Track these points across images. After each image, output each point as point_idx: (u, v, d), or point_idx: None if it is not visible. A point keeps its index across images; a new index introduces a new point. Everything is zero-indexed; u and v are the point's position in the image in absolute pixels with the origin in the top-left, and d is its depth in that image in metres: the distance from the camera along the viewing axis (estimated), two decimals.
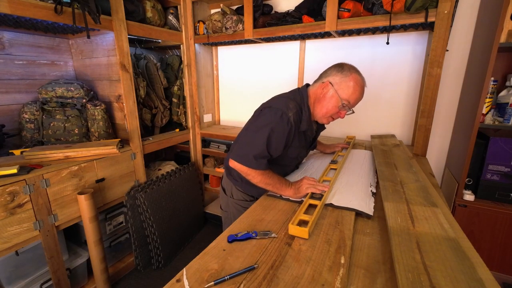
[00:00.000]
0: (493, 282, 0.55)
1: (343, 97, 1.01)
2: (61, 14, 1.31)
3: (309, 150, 1.28)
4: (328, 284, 0.60)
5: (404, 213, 0.81)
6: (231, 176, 1.22)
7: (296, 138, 1.07)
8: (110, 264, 1.79)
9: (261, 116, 1.01)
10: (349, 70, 1.02)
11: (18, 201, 1.23)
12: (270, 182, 1.01)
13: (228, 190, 1.26)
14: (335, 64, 1.07)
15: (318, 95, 1.07)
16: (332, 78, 1.03)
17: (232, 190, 1.24)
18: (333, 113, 1.06)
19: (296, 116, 1.02)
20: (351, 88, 1.00)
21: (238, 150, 1.02)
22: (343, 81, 1.01)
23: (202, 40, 2.15)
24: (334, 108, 1.04)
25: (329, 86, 1.03)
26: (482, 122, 1.43)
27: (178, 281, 0.62)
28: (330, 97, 1.03)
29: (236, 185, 1.21)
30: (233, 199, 1.24)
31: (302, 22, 1.72)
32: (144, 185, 1.83)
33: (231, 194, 1.24)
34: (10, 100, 1.61)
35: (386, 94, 1.85)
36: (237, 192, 1.22)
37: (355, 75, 1.01)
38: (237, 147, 1.04)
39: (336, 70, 1.04)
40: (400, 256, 0.62)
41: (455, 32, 1.61)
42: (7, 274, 1.32)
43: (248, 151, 0.98)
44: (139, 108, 1.96)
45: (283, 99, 1.05)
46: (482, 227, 1.50)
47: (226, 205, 1.29)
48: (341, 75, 1.02)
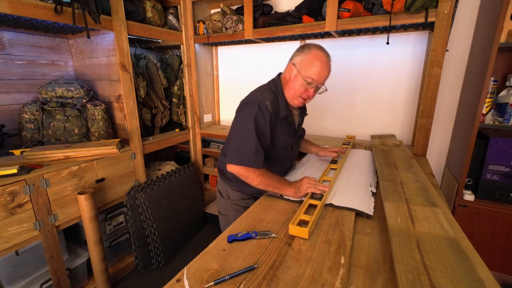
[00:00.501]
0: (493, 282, 0.55)
1: (305, 74, 1.02)
2: (61, 14, 1.31)
3: (297, 139, 1.27)
4: (328, 284, 0.60)
5: (404, 213, 0.81)
6: (225, 178, 1.22)
7: (279, 125, 1.08)
8: (110, 264, 1.79)
9: (242, 114, 1.04)
10: (309, 48, 1.04)
11: (18, 201, 1.23)
12: (269, 182, 1.01)
13: (224, 192, 1.25)
14: (300, 45, 1.09)
15: (286, 79, 1.10)
16: (295, 59, 1.06)
17: (228, 191, 1.23)
18: (301, 93, 1.07)
19: (273, 103, 1.05)
20: (312, 64, 1.02)
21: (233, 152, 1.02)
22: (304, 59, 1.03)
23: (202, 40, 2.15)
24: (301, 88, 1.05)
25: (292, 67, 1.06)
26: (482, 122, 1.43)
27: (178, 281, 0.62)
28: (294, 78, 1.05)
29: (232, 186, 1.21)
30: (230, 200, 1.23)
31: (302, 22, 1.72)
32: (144, 185, 1.83)
33: (227, 195, 1.23)
34: (10, 100, 1.61)
35: (386, 94, 1.85)
36: (233, 193, 1.22)
37: (315, 51, 1.02)
38: (231, 150, 1.04)
39: (298, 51, 1.07)
40: (400, 256, 0.62)
41: (455, 32, 1.61)
42: (7, 274, 1.32)
43: (243, 151, 0.99)
44: (139, 108, 1.96)
45: (257, 91, 1.10)
46: (482, 227, 1.50)
47: (224, 209, 1.27)
48: (302, 53, 1.04)
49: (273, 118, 1.04)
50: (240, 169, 1.00)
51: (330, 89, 2.05)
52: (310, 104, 2.18)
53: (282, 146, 1.15)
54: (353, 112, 2.00)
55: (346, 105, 2.02)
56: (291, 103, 1.12)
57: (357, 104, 1.97)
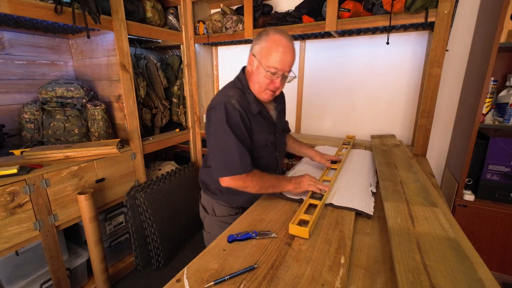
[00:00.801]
0: (493, 282, 0.55)
1: (266, 64, 0.92)
2: (61, 14, 1.31)
3: (280, 134, 1.16)
4: (328, 284, 0.60)
5: (404, 213, 0.81)
6: (208, 191, 1.12)
7: (254, 123, 0.99)
8: (110, 264, 1.79)
9: (212, 122, 0.95)
10: (266, 34, 0.93)
11: (18, 201, 1.23)
12: (269, 184, 0.96)
13: (209, 208, 1.15)
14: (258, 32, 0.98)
15: (249, 72, 1.00)
16: (254, 48, 0.96)
17: (214, 206, 1.13)
18: (267, 86, 0.97)
19: (242, 100, 0.96)
20: (272, 51, 0.91)
21: (219, 165, 0.93)
22: (262, 47, 0.93)
23: (202, 40, 2.15)
24: (265, 80, 0.95)
25: (252, 59, 0.96)
26: (482, 122, 1.43)
27: (178, 281, 0.62)
28: (257, 70, 0.96)
29: (217, 199, 1.11)
30: (216, 216, 1.12)
31: (302, 22, 1.72)
32: (144, 185, 1.83)
33: (212, 211, 1.13)
34: (10, 100, 1.61)
35: (386, 94, 1.85)
36: (219, 208, 1.12)
37: (273, 36, 0.92)
38: (215, 164, 0.94)
39: (256, 40, 0.96)
40: (400, 256, 0.62)
41: (455, 32, 1.61)
42: (7, 274, 1.32)
43: (227, 161, 0.90)
44: (139, 108, 1.96)
45: (222, 91, 1.01)
46: (482, 227, 1.50)
47: (209, 225, 1.16)
48: (260, 41, 0.94)
49: (245, 117, 0.95)
50: (235, 181, 0.92)
51: (330, 89, 2.06)
52: (310, 104, 2.20)
53: (263, 146, 1.04)
54: (353, 112, 2.00)
55: (346, 105, 2.02)
56: (260, 97, 1.02)
57: (357, 104, 1.97)
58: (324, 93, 2.08)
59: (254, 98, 1.00)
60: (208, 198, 1.14)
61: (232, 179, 0.92)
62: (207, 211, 1.15)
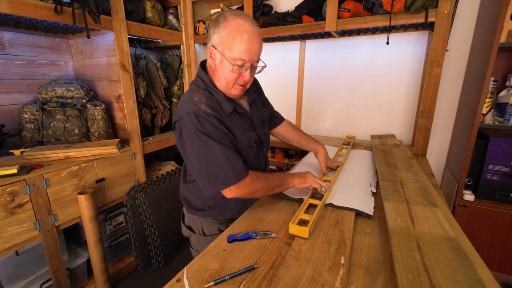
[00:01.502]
0: (493, 282, 0.55)
1: (231, 56, 0.79)
2: (61, 14, 1.31)
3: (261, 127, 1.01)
4: (328, 284, 0.60)
5: (404, 213, 0.81)
6: (193, 209, 1.00)
7: (231, 124, 0.87)
8: (110, 264, 1.79)
9: (182, 134, 0.82)
10: (225, 20, 0.79)
11: (18, 201, 1.23)
12: (275, 184, 0.89)
13: (197, 228, 1.02)
14: (213, 20, 0.83)
15: (212, 67, 0.88)
16: (213, 39, 0.82)
17: (203, 226, 1.01)
18: (235, 80, 0.85)
19: (211, 102, 0.84)
20: (236, 40, 0.78)
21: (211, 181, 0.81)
22: (223, 37, 0.79)
23: (202, 40, 2.15)
24: (232, 74, 0.83)
25: (213, 51, 0.83)
26: (482, 122, 1.43)
27: (178, 281, 0.62)
28: (220, 63, 0.83)
29: (206, 216, 0.99)
30: (205, 236, 1.00)
31: (302, 22, 1.72)
32: (144, 185, 1.83)
33: (201, 231, 1.01)
34: (10, 100, 1.61)
35: (386, 94, 1.85)
36: (209, 226, 1.00)
37: (233, 22, 0.78)
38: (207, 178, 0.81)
39: (213, 29, 0.82)
40: (400, 256, 0.62)
41: (455, 32, 1.61)
42: (7, 274, 1.32)
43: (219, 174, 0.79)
44: (139, 108, 1.96)
45: (185, 98, 0.87)
46: (482, 227, 1.50)
47: (196, 244, 1.04)
48: (219, 29, 0.80)
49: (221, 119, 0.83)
50: (239, 189, 0.82)
51: (330, 89, 2.06)
52: (310, 104, 2.20)
53: (247, 147, 0.93)
54: (353, 112, 2.00)
55: (346, 105, 2.02)
56: (229, 94, 0.89)
57: (357, 104, 1.97)
58: (324, 93, 2.08)
59: (223, 96, 0.88)
60: (194, 217, 1.01)
61: (234, 189, 0.81)
62: (194, 231, 1.03)
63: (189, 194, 1.01)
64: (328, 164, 1.17)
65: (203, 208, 0.98)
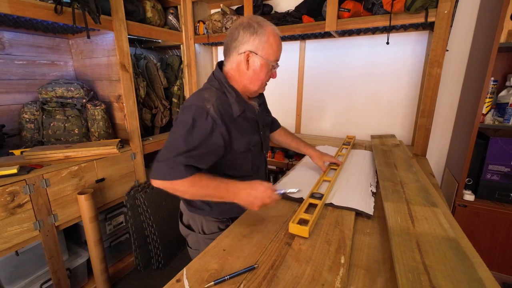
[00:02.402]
0: (493, 282, 0.55)
1: (271, 59, 0.90)
2: (61, 14, 1.31)
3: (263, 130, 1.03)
4: (328, 284, 0.60)
5: (404, 213, 0.81)
6: (194, 208, 1.00)
7: (234, 128, 0.87)
8: (110, 264, 1.79)
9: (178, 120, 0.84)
10: (261, 27, 0.86)
11: (18, 201, 1.23)
12: (206, 193, 0.81)
13: (196, 226, 1.02)
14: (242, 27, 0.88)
15: (241, 70, 0.90)
16: (250, 45, 0.87)
17: (203, 224, 1.00)
18: (267, 80, 0.95)
19: (220, 103, 0.85)
20: (274, 45, 0.89)
21: (156, 165, 0.80)
22: (262, 42, 0.87)
23: (202, 40, 2.15)
24: (267, 75, 0.92)
25: (253, 57, 0.88)
26: (482, 122, 1.43)
27: (178, 281, 0.62)
28: (259, 66, 0.89)
29: (206, 215, 0.99)
30: (205, 235, 1.00)
31: (302, 22, 1.72)
32: (144, 185, 1.83)
33: (201, 230, 1.01)
34: (10, 100, 1.61)
35: (386, 94, 1.86)
36: (209, 224, 1.00)
37: (269, 29, 0.87)
38: (156, 163, 0.80)
39: (249, 34, 0.87)
40: (400, 256, 0.62)
41: (455, 32, 1.61)
42: (7, 274, 1.32)
43: (168, 163, 0.78)
44: (139, 108, 1.96)
45: (196, 93, 0.90)
46: (482, 227, 1.50)
47: (195, 243, 1.04)
48: (258, 36, 0.87)
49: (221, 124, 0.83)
50: (164, 184, 0.80)
51: (330, 89, 2.06)
52: (310, 104, 2.20)
53: (245, 151, 0.93)
54: (353, 112, 2.00)
55: (346, 105, 2.02)
56: (256, 94, 0.96)
57: (357, 104, 1.97)
58: (324, 93, 2.08)
59: (236, 98, 0.89)
60: (194, 215, 1.01)
61: (161, 182, 0.80)
62: (193, 229, 1.02)
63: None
64: (325, 160, 1.21)
65: (203, 207, 0.98)
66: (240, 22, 0.88)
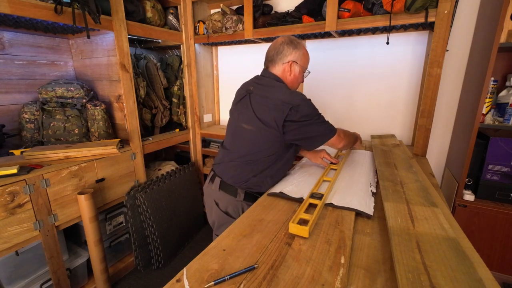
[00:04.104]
0: (493, 282, 0.55)
1: (306, 66, 1.22)
2: (61, 14, 1.31)
3: None
4: (328, 284, 0.60)
5: (404, 213, 0.81)
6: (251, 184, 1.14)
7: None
8: (110, 264, 1.79)
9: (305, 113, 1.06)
10: (298, 43, 1.17)
11: (18, 201, 1.23)
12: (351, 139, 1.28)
13: (235, 212, 1.17)
14: (286, 43, 1.16)
15: (289, 78, 1.19)
16: (292, 56, 1.16)
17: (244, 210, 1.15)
18: (301, 82, 1.26)
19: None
20: (307, 57, 1.22)
21: (327, 131, 1.12)
22: (301, 54, 1.17)
23: (202, 40, 2.15)
24: (302, 79, 1.24)
25: (294, 65, 1.17)
26: (482, 122, 1.43)
27: (178, 281, 0.62)
28: (298, 72, 1.19)
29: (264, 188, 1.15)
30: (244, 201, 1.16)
31: (302, 22, 1.72)
32: (144, 185, 1.83)
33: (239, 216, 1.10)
34: (10, 100, 1.61)
35: (386, 94, 1.85)
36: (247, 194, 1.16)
37: (302, 44, 1.19)
38: (323, 131, 1.12)
39: (292, 48, 1.16)
40: (400, 256, 0.62)
41: (455, 32, 1.61)
42: (7, 274, 1.32)
43: (330, 127, 1.14)
44: (139, 108, 1.96)
45: (285, 90, 1.12)
46: (482, 227, 1.50)
47: (235, 210, 1.18)
48: (298, 50, 1.17)
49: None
50: (337, 139, 1.15)
51: (330, 89, 2.06)
52: None
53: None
54: (353, 112, 2.00)
55: (346, 105, 2.02)
56: None
57: (357, 104, 1.97)
58: (324, 93, 2.08)
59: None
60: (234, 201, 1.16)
61: (335, 138, 1.14)
62: (232, 216, 1.17)
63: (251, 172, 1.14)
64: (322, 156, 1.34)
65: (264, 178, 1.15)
66: (283, 40, 1.17)
